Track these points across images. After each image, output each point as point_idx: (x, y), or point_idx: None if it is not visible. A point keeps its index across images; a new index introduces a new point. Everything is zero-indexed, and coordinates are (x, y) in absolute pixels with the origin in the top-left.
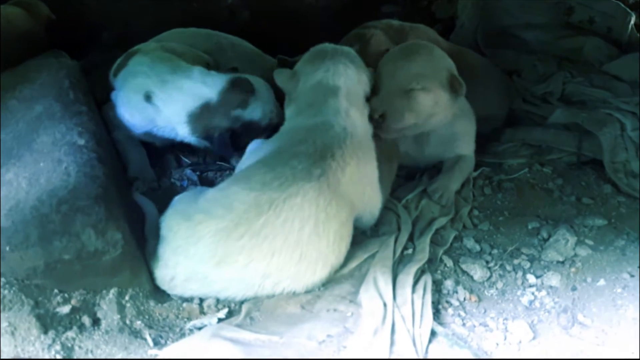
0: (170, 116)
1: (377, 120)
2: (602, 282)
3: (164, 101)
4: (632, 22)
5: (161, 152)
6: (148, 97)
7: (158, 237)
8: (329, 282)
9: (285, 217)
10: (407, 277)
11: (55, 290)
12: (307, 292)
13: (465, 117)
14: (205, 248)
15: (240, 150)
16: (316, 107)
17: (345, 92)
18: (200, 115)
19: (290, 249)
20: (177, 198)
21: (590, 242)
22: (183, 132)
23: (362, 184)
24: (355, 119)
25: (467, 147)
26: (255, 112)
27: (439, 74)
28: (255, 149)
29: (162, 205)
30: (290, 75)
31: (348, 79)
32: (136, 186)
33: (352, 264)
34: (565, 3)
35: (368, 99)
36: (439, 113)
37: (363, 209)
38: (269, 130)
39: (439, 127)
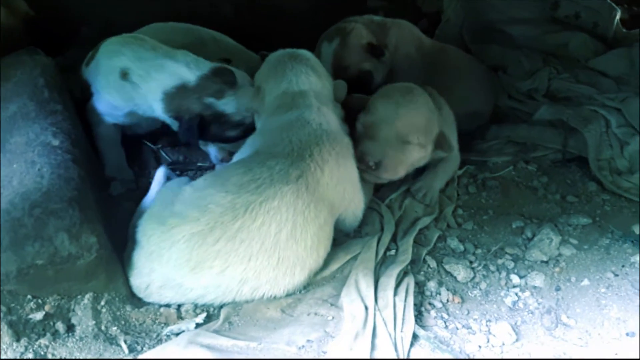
0: (147, 93)
1: (370, 166)
2: (586, 281)
3: (142, 77)
4: (618, 17)
5: (140, 150)
6: (124, 74)
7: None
8: (310, 285)
9: (261, 220)
10: (389, 280)
11: (29, 296)
12: (288, 295)
13: (444, 122)
14: (179, 253)
15: (205, 139)
16: (286, 106)
17: (313, 94)
18: (175, 95)
19: (267, 254)
20: (161, 190)
21: (575, 241)
22: (158, 109)
23: (341, 182)
24: (328, 116)
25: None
26: (229, 105)
27: (432, 130)
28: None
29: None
30: (254, 93)
31: (312, 84)
32: (113, 187)
33: (334, 266)
34: None
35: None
36: (420, 163)
37: (345, 210)
38: (241, 128)
39: None
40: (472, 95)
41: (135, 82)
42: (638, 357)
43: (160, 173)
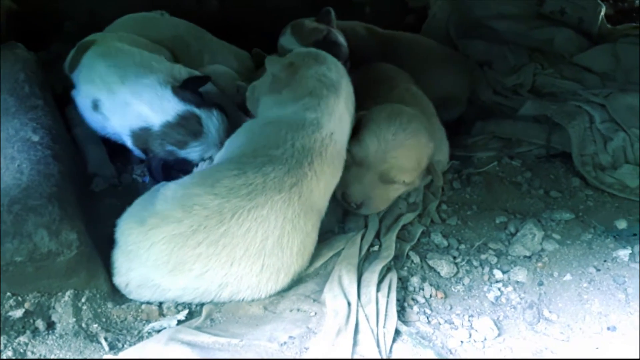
0: (116, 126)
1: (352, 206)
2: (568, 276)
3: (111, 111)
4: (603, 13)
5: (122, 146)
6: (95, 106)
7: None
8: (293, 282)
9: (248, 227)
10: (372, 275)
11: (8, 294)
12: None
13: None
14: (158, 254)
15: (171, 179)
16: (314, 98)
17: (345, 93)
18: (140, 136)
19: (250, 260)
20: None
21: (557, 237)
22: (127, 142)
23: (330, 191)
24: (344, 125)
25: (438, 154)
26: (192, 154)
27: (422, 163)
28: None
29: (124, 203)
30: (286, 64)
31: (346, 80)
32: (95, 183)
33: (318, 263)
34: None
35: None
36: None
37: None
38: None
39: None
40: (445, 79)
41: (105, 114)
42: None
43: None
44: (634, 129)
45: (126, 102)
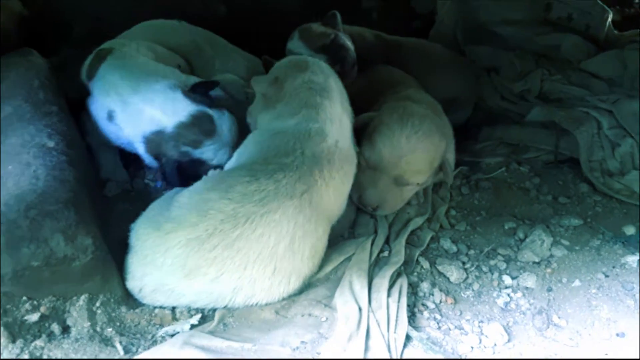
0: (129, 135)
1: (368, 210)
2: (577, 282)
3: (125, 122)
4: (610, 19)
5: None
6: (110, 117)
7: None
8: (304, 287)
9: (261, 231)
10: (382, 281)
11: (24, 298)
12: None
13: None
14: (174, 259)
15: (186, 181)
16: (311, 108)
17: (337, 93)
18: (153, 140)
19: (263, 263)
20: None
21: (566, 242)
22: (140, 149)
23: (341, 196)
24: (345, 129)
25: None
26: (207, 153)
27: (435, 163)
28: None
29: (136, 208)
30: (271, 80)
31: (334, 79)
32: (108, 188)
33: (328, 267)
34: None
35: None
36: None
37: (335, 218)
38: (220, 167)
39: None
40: (450, 82)
41: (119, 125)
42: (629, 357)
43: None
44: None
45: (139, 110)
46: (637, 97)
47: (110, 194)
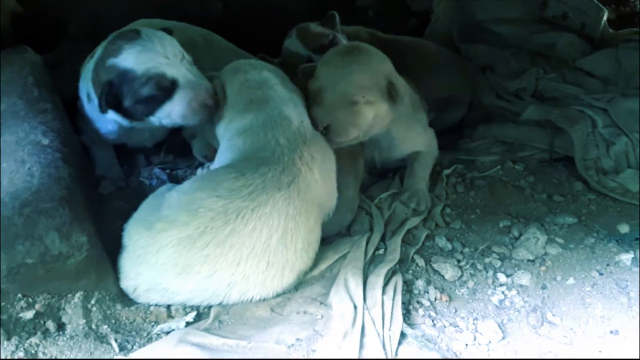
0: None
1: (321, 132)
2: (571, 280)
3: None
4: (605, 17)
5: (129, 149)
6: (89, 97)
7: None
8: (299, 284)
9: (253, 226)
10: (377, 279)
11: (19, 295)
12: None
13: (403, 121)
14: (166, 258)
15: (120, 110)
16: (259, 102)
17: (279, 81)
18: (93, 81)
19: (257, 258)
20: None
21: (561, 241)
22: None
23: (327, 179)
24: (300, 108)
25: (416, 144)
26: (128, 59)
27: (380, 83)
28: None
29: (131, 205)
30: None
31: (275, 74)
32: (103, 186)
33: (323, 265)
34: None
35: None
36: (379, 124)
37: (327, 209)
38: (153, 86)
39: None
40: (445, 80)
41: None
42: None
43: None
44: (635, 133)
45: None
46: (632, 96)
47: (105, 192)
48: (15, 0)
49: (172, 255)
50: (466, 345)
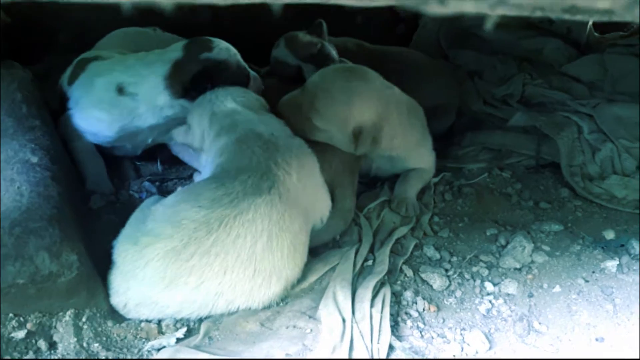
0: (149, 94)
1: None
2: (557, 288)
3: (138, 84)
4: (591, 22)
5: (119, 162)
6: (121, 90)
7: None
8: (288, 297)
9: (236, 234)
10: (366, 291)
11: (10, 315)
12: (267, 307)
13: (413, 140)
14: (153, 271)
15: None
16: (228, 126)
17: (241, 103)
18: (174, 73)
19: (243, 266)
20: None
21: (547, 248)
22: (164, 101)
23: (309, 184)
24: (270, 120)
25: (419, 162)
26: (221, 53)
27: (345, 124)
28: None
29: (121, 218)
30: (184, 130)
31: (237, 99)
32: (93, 200)
33: (312, 278)
34: None
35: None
36: (340, 147)
37: (315, 216)
38: (241, 72)
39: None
40: (434, 90)
41: (132, 92)
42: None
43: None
44: (621, 139)
45: (147, 64)
46: (617, 102)
47: (95, 207)
48: (3, 12)
49: (159, 268)
50: (454, 356)
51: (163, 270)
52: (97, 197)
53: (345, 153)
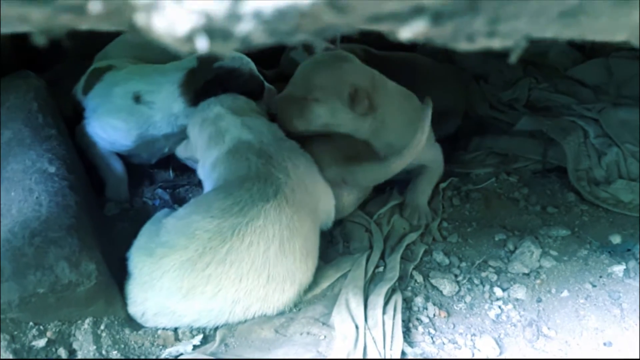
0: (165, 102)
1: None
2: (565, 293)
3: (154, 92)
4: None
5: (134, 169)
6: (138, 98)
7: None
8: (301, 303)
9: (249, 241)
10: (377, 298)
11: (31, 324)
12: (280, 314)
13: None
14: (170, 282)
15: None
16: (216, 136)
17: (227, 107)
18: (188, 80)
19: (257, 272)
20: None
21: (555, 253)
22: (179, 109)
23: (310, 185)
24: (260, 126)
25: (422, 158)
26: (234, 61)
27: (340, 86)
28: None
29: (135, 226)
30: (184, 144)
31: (224, 103)
32: (108, 208)
33: (325, 284)
34: None
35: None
36: (341, 124)
37: (322, 214)
38: (254, 81)
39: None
40: (440, 95)
41: (149, 100)
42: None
43: None
44: (626, 144)
45: (162, 72)
46: (623, 106)
47: (109, 214)
48: None
49: (175, 279)
50: None
51: (180, 281)
52: (112, 204)
53: (352, 138)
